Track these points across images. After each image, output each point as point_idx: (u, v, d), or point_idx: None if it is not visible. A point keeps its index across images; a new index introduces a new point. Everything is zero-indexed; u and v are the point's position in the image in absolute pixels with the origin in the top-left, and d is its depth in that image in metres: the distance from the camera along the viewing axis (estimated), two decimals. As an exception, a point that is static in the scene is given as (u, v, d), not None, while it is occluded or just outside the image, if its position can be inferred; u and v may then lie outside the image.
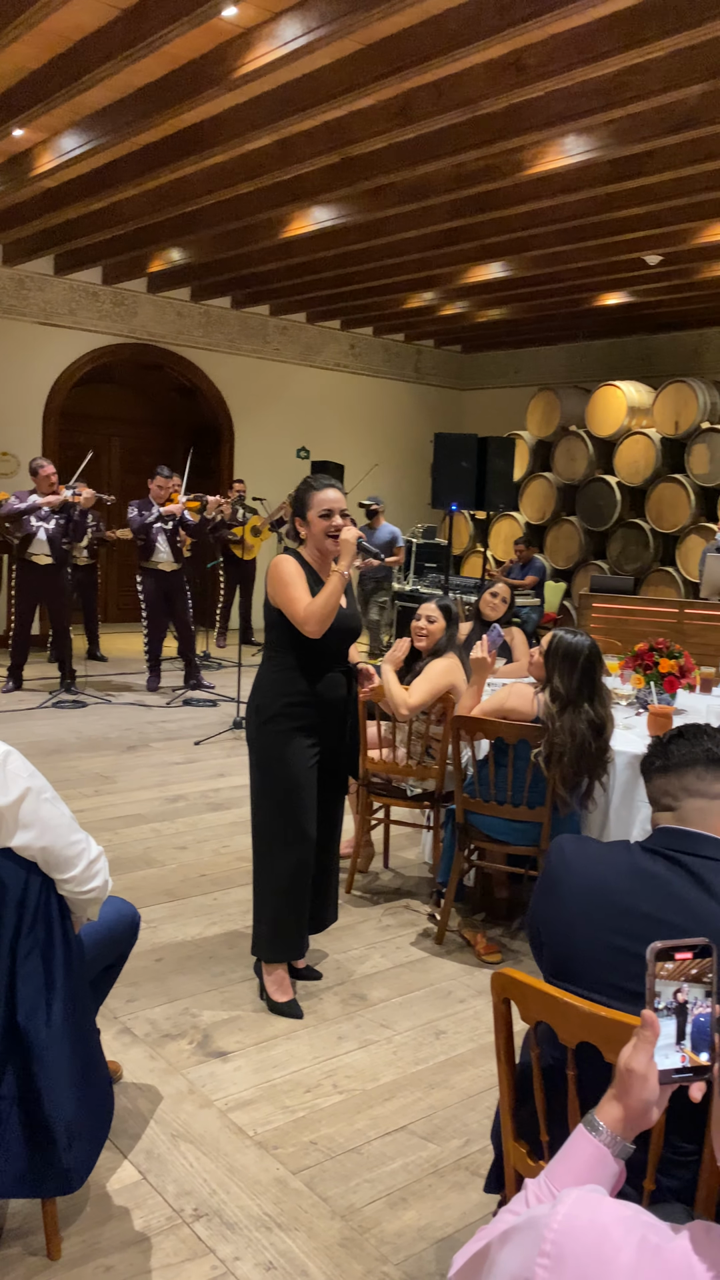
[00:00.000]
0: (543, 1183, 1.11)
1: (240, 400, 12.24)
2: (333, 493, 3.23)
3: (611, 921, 1.64)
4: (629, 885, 1.70)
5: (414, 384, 14.09)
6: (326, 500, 3.21)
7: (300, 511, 3.26)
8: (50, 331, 10.68)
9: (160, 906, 4.12)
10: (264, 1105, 2.80)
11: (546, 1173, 1.12)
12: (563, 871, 1.78)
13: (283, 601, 3.17)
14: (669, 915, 1.62)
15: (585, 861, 1.77)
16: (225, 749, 6.66)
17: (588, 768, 3.57)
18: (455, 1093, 2.91)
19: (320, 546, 3.25)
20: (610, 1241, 0.90)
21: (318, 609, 3.11)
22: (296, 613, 3.14)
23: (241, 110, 6.09)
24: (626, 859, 1.74)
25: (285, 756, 3.23)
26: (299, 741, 3.24)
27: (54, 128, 6.67)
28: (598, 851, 1.79)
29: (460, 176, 6.89)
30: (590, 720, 3.52)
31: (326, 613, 3.12)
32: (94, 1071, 2.17)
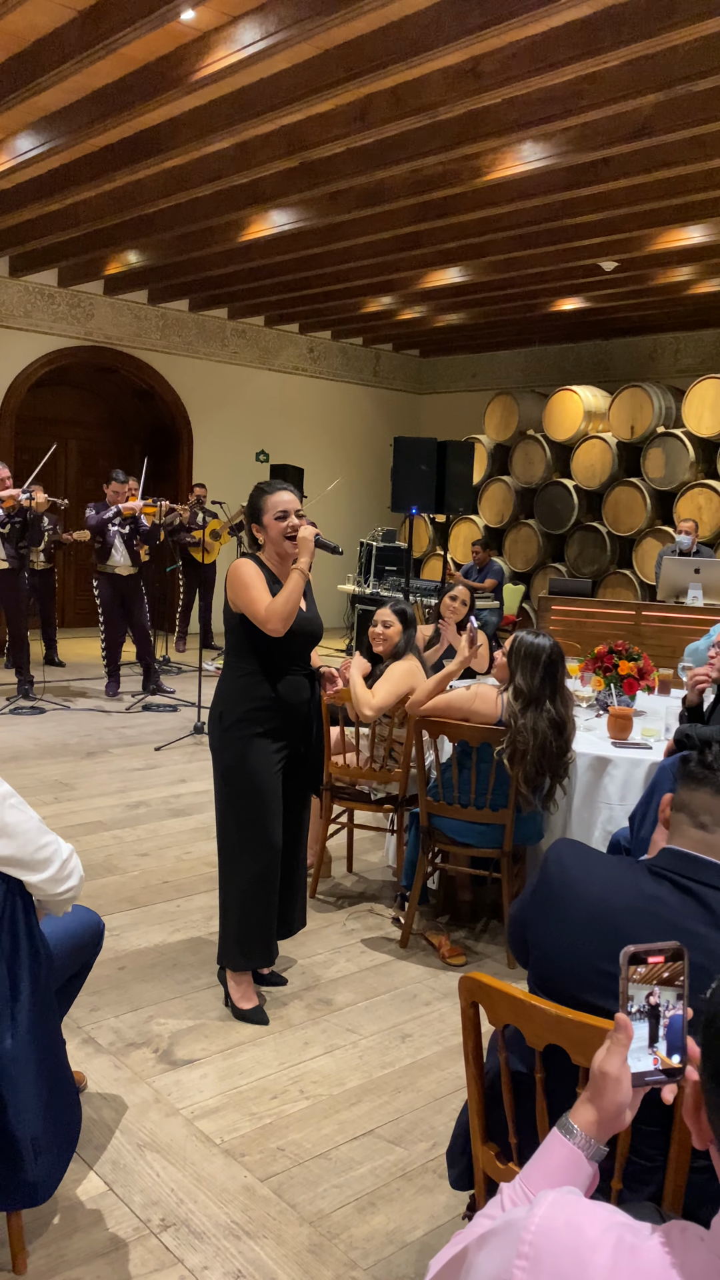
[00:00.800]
0: (518, 1186, 1.12)
1: (198, 403, 12.19)
2: (286, 494, 3.24)
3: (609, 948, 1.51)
4: (634, 913, 1.61)
5: (373, 388, 14.12)
6: (281, 502, 3.21)
7: (255, 517, 3.26)
8: (5, 334, 10.56)
9: (123, 914, 4.08)
10: (230, 1113, 2.79)
11: (521, 1176, 1.13)
12: (563, 888, 1.70)
13: (244, 603, 3.16)
14: None
15: (588, 881, 1.68)
16: (186, 754, 6.63)
17: (549, 767, 3.60)
18: (422, 1096, 2.92)
19: (279, 550, 3.24)
20: (587, 1242, 0.91)
21: (279, 607, 3.11)
22: (258, 612, 3.13)
23: (199, 113, 6.07)
24: (632, 883, 1.65)
25: (249, 763, 3.22)
26: (263, 747, 3.23)
27: (9, 128, 6.60)
28: (601, 870, 1.70)
29: (418, 182, 6.93)
30: (552, 719, 3.55)
31: (288, 611, 3.12)
32: (60, 1083, 2.15)
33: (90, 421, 12.59)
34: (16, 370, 10.71)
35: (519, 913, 1.85)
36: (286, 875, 3.41)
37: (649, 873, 1.66)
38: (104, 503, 8.34)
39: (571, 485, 10.93)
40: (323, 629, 3.43)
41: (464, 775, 3.73)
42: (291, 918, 3.49)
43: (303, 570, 3.15)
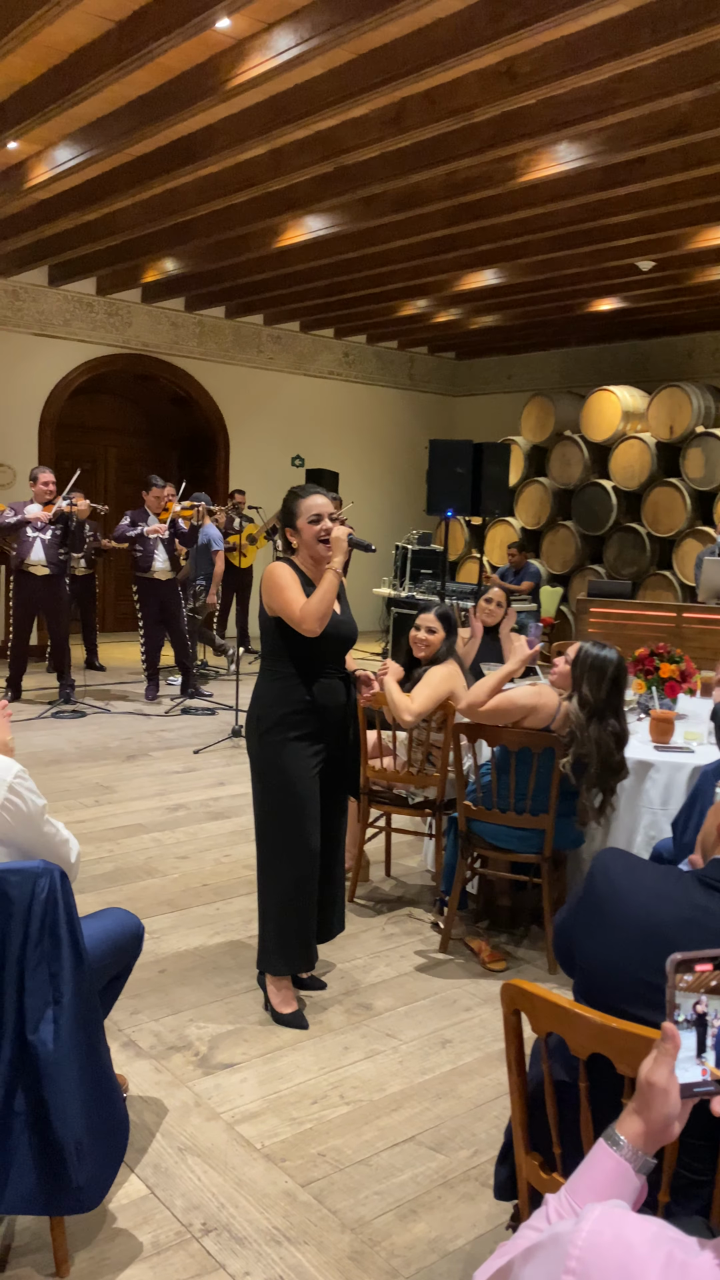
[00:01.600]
0: (563, 1198, 1.10)
1: (235, 409, 12.25)
2: (319, 498, 3.25)
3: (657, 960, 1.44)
4: (684, 925, 1.58)
5: (408, 391, 14.11)
6: (314, 506, 3.23)
7: (289, 521, 3.28)
8: (45, 343, 10.68)
9: (162, 917, 4.10)
10: (270, 1117, 2.79)
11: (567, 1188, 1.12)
12: (610, 899, 1.67)
13: (279, 605, 3.17)
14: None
15: (636, 891, 1.66)
16: (224, 757, 6.65)
17: (606, 781, 3.57)
18: (463, 1102, 2.90)
19: (314, 553, 3.26)
20: (636, 1258, 0.89)
21: (314, 607, 3.11)
22: (293, 613, 3.14)
23: (234, 121, 6.10)
24: (682, 894, 1.62)
25: (285, 767, 3.22)
26: (299, 751, 3.23)
27: (48, 140, 6.67)
28: (649, 881, 1.68)
29: (453, 185, 6.91)
30: (614, 732, 3.53)
31: (323, 610, 3.12)
32: (104, 1088, 2.16)
33: (128, 429, 12.70)
34: (56, 378, 10.82)
35: (564, 922, 1.83)
36: (325, 879, 3.41)
37: (700, 884, 1.63)
38: (142, 510, 8.39)
39: (610, 486, 10.84)
40: (357, 632, 3.43)
41: (503, 780, 3.71)
42: (330, 922, 3.49)
43: (336, 570, 3.15)
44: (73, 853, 2.23)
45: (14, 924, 2.03)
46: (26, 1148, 2.05)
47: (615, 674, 3.55)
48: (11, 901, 2.02)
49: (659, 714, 4.10)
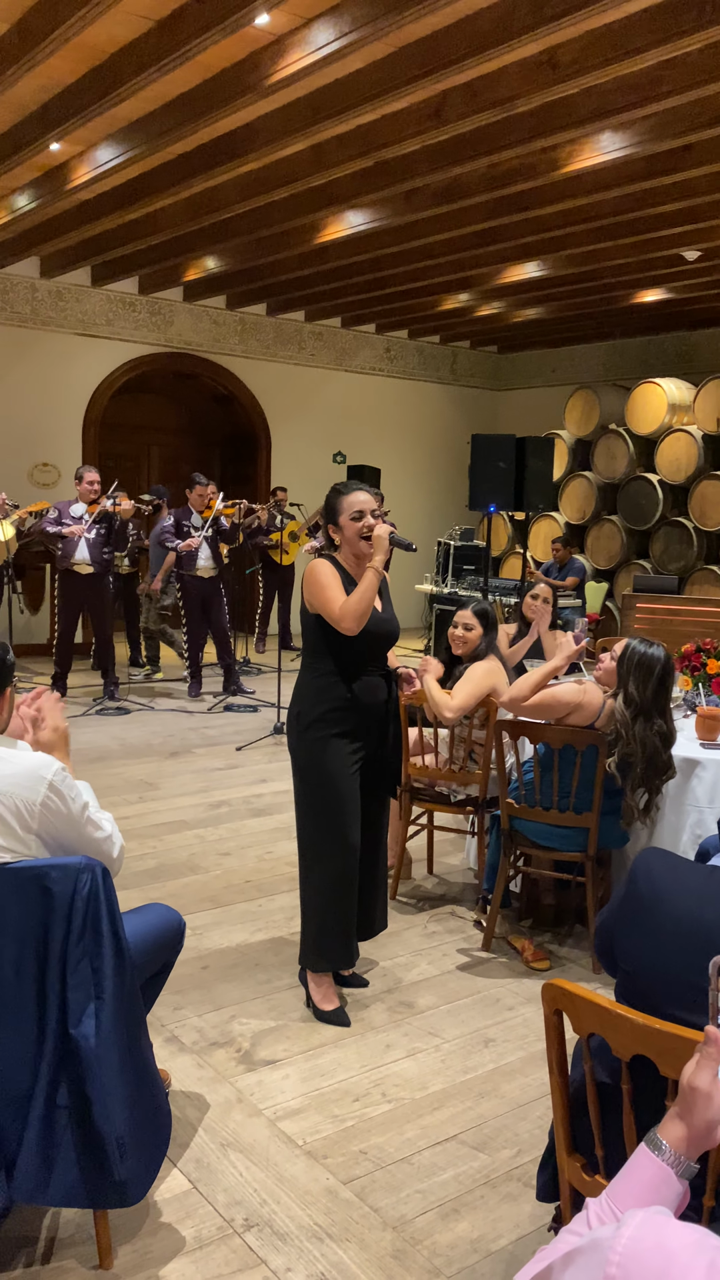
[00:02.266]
0: (604, 1203, 1.08)
1: (276, 407, 12.28)
2: (362, 494, 3.24)
3: (701, 962, 1.46)
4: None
5: (450, 386, 14.05)
6: (357, 502, 3.22)
7: (332, 518, 3.27)
8: (88, 342, 10.78)
9: (205, 913, 4.12)
10: (312, 1114, 2.79)
11: (608, 1192, 1.10)
12: (652, 899, 1.65)
13: (320, 603, 3.17)
14: None
15: (679, 892, 1.63)
16: (267, 754, 6.67)
17: (651, 781, 3.52)
18: (505, 1102, 2.88)
19: (355, 550, 3.25)
20: (677, 1265, 0.87)
21: (354, 606, 3.11)
22: (333, 611, 3.14)
23: (274, 117, 6.10)
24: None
25: (326, 764, 3.22)
26: (340, 748, 3.23)
27: (89, 140, 6.72)
28: (693, 881, 1.65)
29: (494, 177, 6.86)
30: (660, 732, 3.48)
31: (363, 609, 3.12)
32: (146, 1083, 2.17)
33: (171, 427, 12.77)
34: (100, 378, 10.92)
35: (606, 923, 1.80)
36: (367, 876, 3.41)
37: None
38: (185, 509, 8.44)
39: (656, 480, 10.71)
40: (399, 630, 3.41)
41: (546, 778, 3.67)
42: (373, 919, 3.48)
43: (377, 569, 3.14)
44: (115, 847, 2.24)
45: (56, 919, 2.04)
46: (70, 1141, 2.06)
47: (662, 672, 3.49)
48: (54, 897, 2.04)
49: (706, 711, 4.04)
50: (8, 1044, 2.07)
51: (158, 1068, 2.36)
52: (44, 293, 10.40)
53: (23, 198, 7.77)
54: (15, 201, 7.89)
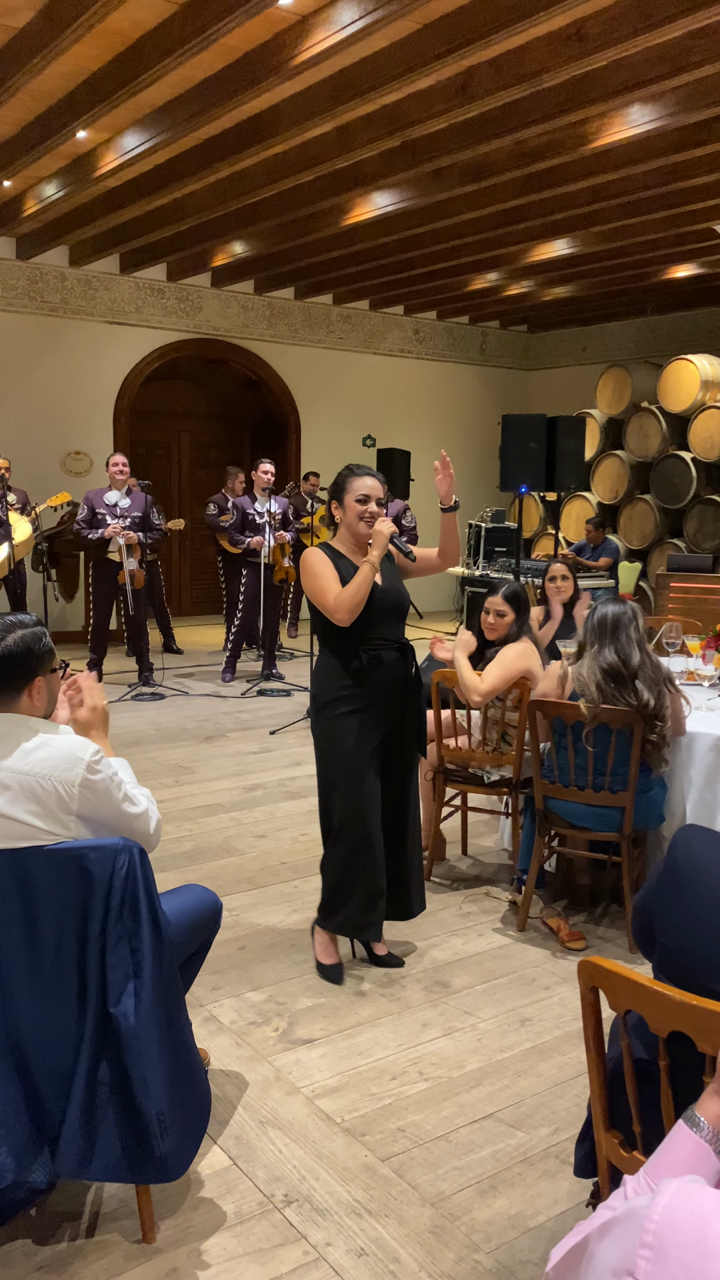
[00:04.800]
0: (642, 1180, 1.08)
1: (305, 391, 12.26)
2: (371, 480, 3.30)
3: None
4: None
5: (480, 366, 13.96)
6: (364, 486, 3.29)
7: (338, 495, 3.34)
8: (118, 330, 10.82)
9: (242, 894, 4.15)
10: (350, 1092, 2.81)
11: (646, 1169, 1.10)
12: (692, 873, 1.64)
13: (313, 593, 3.25)
14: None
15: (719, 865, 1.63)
16: (300, 738, 6.70)
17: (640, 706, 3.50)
18: (542, 1080, 2.89)
19: (354, 531, 3.32)
20: (713, 1232, 0.88)
21: (346, 598, 3.18)
22: (326, 602, 3.22)
23: (300, 99, 6.08)
24: None
25: (341, 741, 3.29)
26: (354, 726, 3.28)
27: (116, 127, 6.73)
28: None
29: (522, 153, 6.79)
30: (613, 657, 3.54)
31: (356, 602, 3.18)
32: (186, 1061, 2.20)
33: (201, 413, 12.80)
34: (130, 365, 10.96)
35: (644, 901, 1.79)
36: (397, 852, 3.45)
37: None
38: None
39: (689, 458, 10.59)
40: (408, 599, 3.45)
41: (580, 757, 3.66)
42: (409, 900, 3.51)
43: (373, 564, 3.20)
44: (151, 823, 2.27)
45: (95, 900, 2.07)
46: (112, 1118, 2.09)
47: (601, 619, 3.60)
48: (92, 878, 2.07)
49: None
50: (50, 1022, 2.11)
51: (197, 1046, 2.39)
52: (73, 281, 10.44)
53: (51, 186, 7.80)
54: (43, 190, 7.92)
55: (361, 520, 3.28)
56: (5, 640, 2.14)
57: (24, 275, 10.16)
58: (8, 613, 2.26)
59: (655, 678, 3.56)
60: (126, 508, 8.00)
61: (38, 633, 2.19)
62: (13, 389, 10.24)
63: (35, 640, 2.18)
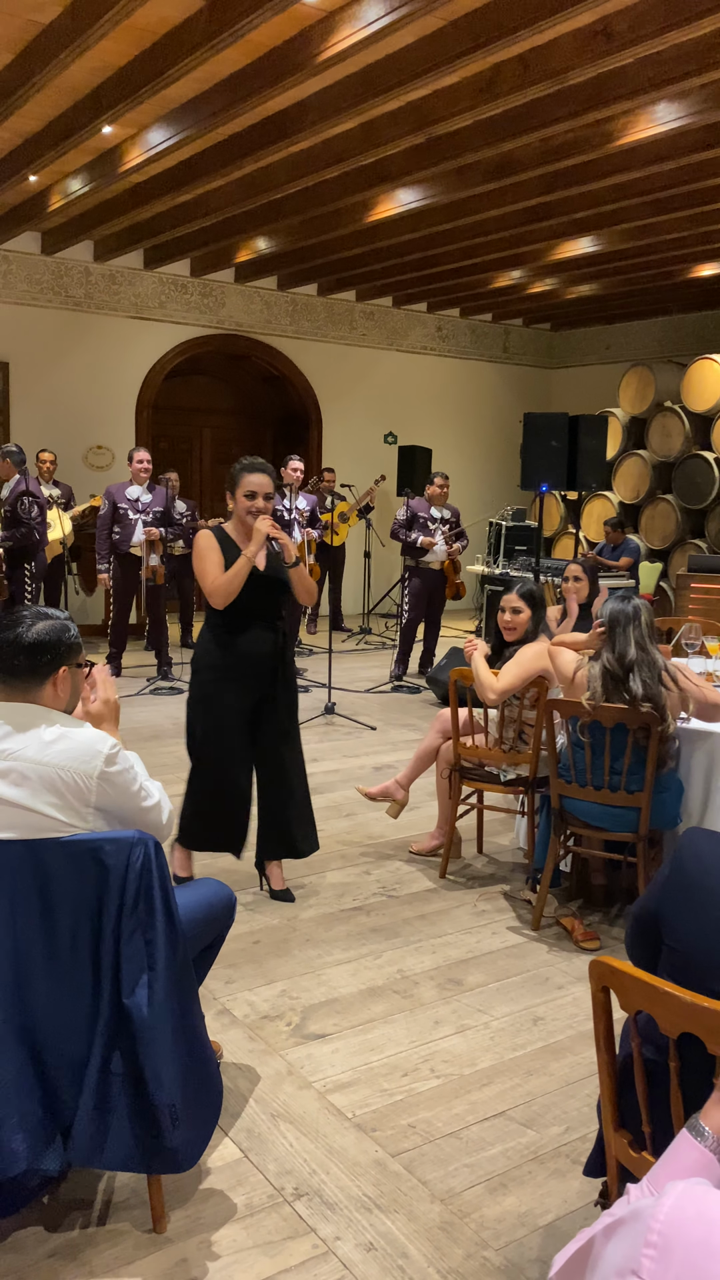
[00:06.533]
0: (645, 1188, 1.08)
1: (327, 387, 12.26)
2: (260, 476, 3.69)
3: None
4: None
5: (502, 364, 13.92)
6: (252, 483, 3.69)
7: (231, 487, 3.74)
8: (142, 325, 10.85)
9: (256, 889, 4.17)
10: (362, 1088, 2.82)
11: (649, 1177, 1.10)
12: (700, 876, 1.65)
13: (199, 573, 3.67)
14: None
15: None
16: (318, 734, 6.70)
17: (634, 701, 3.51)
18: (554, 1079, 2.89)
19: (242, 520, 3.73)
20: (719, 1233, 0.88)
21: (222, 584, 3.62)
22: (205, 584, 3.65)
23: (324, 95, 6.08)
24: None
25: (213, 704, 3.76)
26: (227, 690, 3.75)
27: (141, 123, 6.75)
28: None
29: (548, 151, 6.76)
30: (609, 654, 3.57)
31: (230, 590, 3.62)
32: (198, 1054, 2.21)
33: (222, 409, 12.83)
34: (153, 360, 10.99)
35: (644, 907, 1.78)
36: (283, 807, 3.92)
37: None
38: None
39: (712, 458, 10.52)
40: (286, 583, 3.81)
41: (596, 756, 3.65)
42: (294, 840, 3.97)
43: (250, 558, 3.60)
44: (164, 813, 2.29)
45: (110, 892, 2.09)
46: (124, 1108, 2.11)
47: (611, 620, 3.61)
48: (108, 870, 2.08)
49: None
50: (65, 1012, 2.12)
51: (210, 1039, 2.40)
52: (97, 276, 10.48)
53: (76, 181, 7.83)
54: (68, 185, 7.95)
55: (249, 514, 3.67)
56: (33, 629, 2.16)
57: (49, 270, 10.20)
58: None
59: (654, 674, 3.55)
60: (148, 503, 8.03)
61: (66, 624, 2.22)
62: (37, 383, 10.29)
63: (62, 631, 2.20)
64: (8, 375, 10.14)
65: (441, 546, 8.24)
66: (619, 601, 3.65)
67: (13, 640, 2.16)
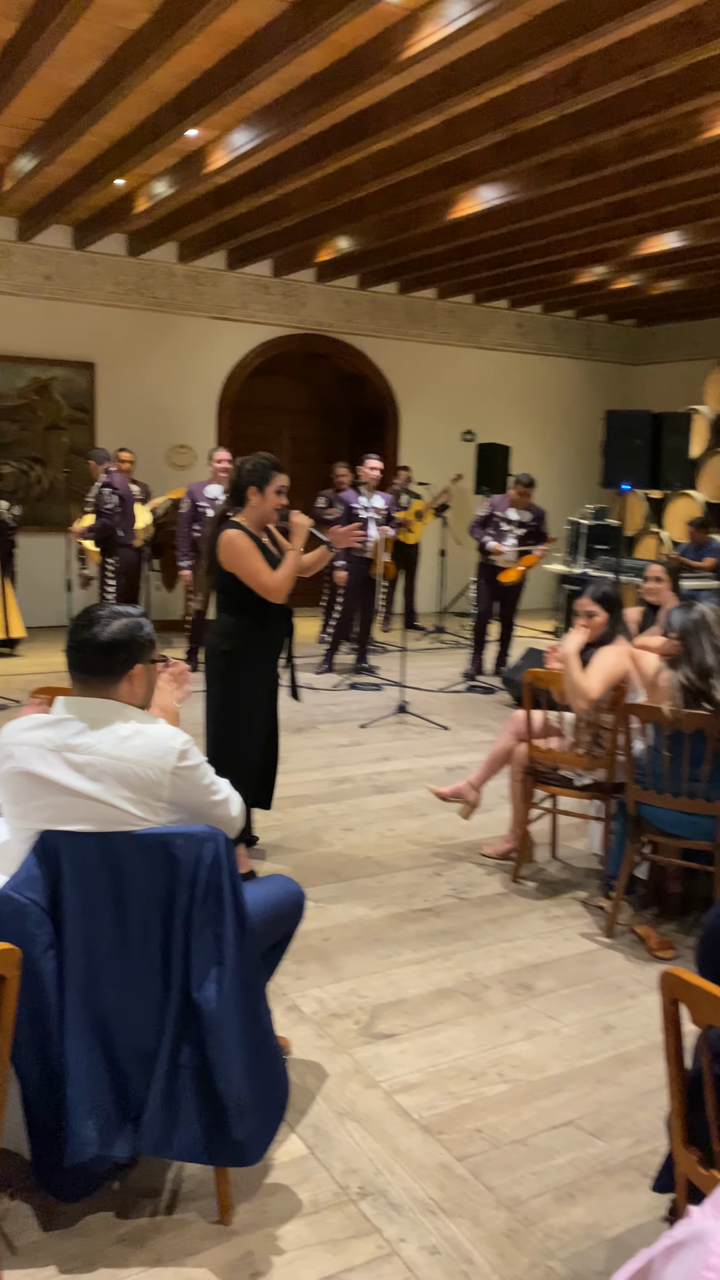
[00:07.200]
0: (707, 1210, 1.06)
1: (405, 385, 12.25)
2: (284, 475, 3.88)
3: None
4: None
5: (584, 361, 13.73)
6: (281, 481, 3.86)
7: (260, 483, 3.84)
8: (224, 326, 10.98)
9: (327, 886, 4.19)
10: (429, 1090, 2.81)
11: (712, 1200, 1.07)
12: None
13: (246, 572, 3.78)
14: None
15: None
16: (390, 732, 6.71)
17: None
18: (624, 1090, 2.85)
19: (265, 516, 3.88)
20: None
21: (282, 582, 3.80)
22: (263, 583, 3.78)
23: (407, 94, 6.06)
24: None
25: (252, 684, 3.98)
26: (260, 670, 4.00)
27: (225, 125, 6.82)
28: None
29: (632, 145, 6.65)
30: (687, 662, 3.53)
31: (289, 586, 3.83)
32: (265, 1049, 2.23)
33: (300, 408, 12.89)
34: (234, 360, 11.11)
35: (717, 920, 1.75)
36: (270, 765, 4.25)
37: None
38: (354, 489, 8.47)
39: None
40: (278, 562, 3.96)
41: (674, 763, 3.58)
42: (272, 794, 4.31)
43: (298, 552, 3.81)
44: (235, 807, 2.34)
45: (180, 886, 2.12)
46: (191, 1099, 2.14)
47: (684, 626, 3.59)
48: (178, 864, 2.11)
49: None
50: (135, 1003, 2.16)
51: (277, 1035, 2.42)
52: (181, 277, 10.63)
53: (161, 184, 7.95)
54: (154, 188, 8.08)
55: (276, 510, 3.87)
56: (109, 627, 2.21)
57: (134, 271, 10.38)
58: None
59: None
60: None
61: (140, 622, 2.27)
62: (121, 383, 10.48)
63: (136, 629, 2.25)
64: (94, 376, 10.35)
65: (511, 554, 8.17)
66: (682, 611, 3.59)
67: (89, 639, 2.21)
